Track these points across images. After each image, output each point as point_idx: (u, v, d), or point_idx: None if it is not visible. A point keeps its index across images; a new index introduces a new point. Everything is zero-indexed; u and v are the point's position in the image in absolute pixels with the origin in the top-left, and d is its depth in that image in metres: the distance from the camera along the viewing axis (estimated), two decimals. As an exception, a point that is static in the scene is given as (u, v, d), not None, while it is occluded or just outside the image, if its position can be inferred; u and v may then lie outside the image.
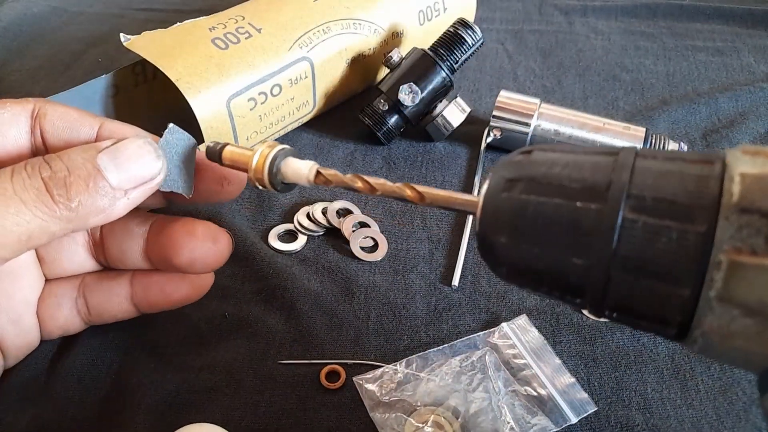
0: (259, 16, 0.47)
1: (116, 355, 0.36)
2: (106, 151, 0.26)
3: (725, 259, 0.18)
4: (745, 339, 0.18)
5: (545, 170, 0.21)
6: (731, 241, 0.18)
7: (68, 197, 0.25)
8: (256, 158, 0.28)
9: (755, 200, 0.18)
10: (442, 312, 0.38)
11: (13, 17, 0.69)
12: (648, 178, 0.19)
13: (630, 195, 0.19)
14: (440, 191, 0.24)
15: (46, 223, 0.25)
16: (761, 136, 0.51)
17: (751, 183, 0.18)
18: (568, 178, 0.20)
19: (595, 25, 0.67)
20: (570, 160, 0.21)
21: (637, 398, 0.33)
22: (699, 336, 0.19)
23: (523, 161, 0.22)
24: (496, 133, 0.48)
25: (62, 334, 0.35)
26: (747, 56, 0.61)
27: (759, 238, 0.17)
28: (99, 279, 0.34)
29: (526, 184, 0.21)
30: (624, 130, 0.46)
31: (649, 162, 0.20)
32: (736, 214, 0.18)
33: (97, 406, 0.33)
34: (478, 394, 0.33)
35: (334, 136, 0.52)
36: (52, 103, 0.29)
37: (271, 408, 0.33)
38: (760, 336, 0.18)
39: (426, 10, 0.54)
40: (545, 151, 0.22)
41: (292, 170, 0.28)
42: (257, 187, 0.29)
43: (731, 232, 0.18)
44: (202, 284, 0.34)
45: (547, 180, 0.21)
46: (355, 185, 0.26)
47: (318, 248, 0.42)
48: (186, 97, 0.40)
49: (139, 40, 0.43)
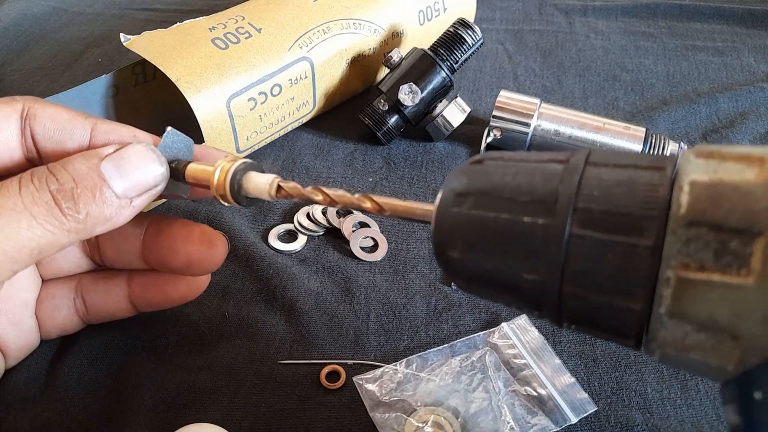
0: (259, 16, 0.47)
1: (116, 355, 0.36)
2: (109, 159, 0.26)
3: (673, 276, 0.17)
4: (701, 352, 0.17)
5: (494, 183, 0.20)
6: (679, 256, 0.17)
7: (77, 209, 0.25)
8: (216, 174, 0.27)
9: (704, 212, 0.17)
10: (442, 312, 0.38)
11: (14, 17, 0.69)
12: (596, 188, 0.19)
13: (576, 209, 0.19)
14: (399, 202, 0.24)
15: (56, 236, 0.25)
16: (761, 136, 0.51)
17: (701, 192, 0.17)
18: (517, 190, 0.20)
19: (595, 25, 0.67)
20: (520, 169, 0.20)
21: (637, 398, 0.33)
22: (655, 348, 0.18)
23: (474, 172, 0.21)
24: (496, 133, 0.48)
25: (61, 333, 0.35)
26: (747, 56, 0.61)
27: (708, 252, 0.17)
28: (96, 279, 0.34)
29: (475, 199, 0.21)
30: (624, 130, 0.46)
31: (598, 170, 0.19)
32: (684, 228, 0.17)
33: (97, 406, 0.33)
34: (478, 394, 0.33)
35: (334, 136, 0.52)
36: (43, 103, 0.29)
37: (271, 408, 0.33)
38: (715, 350, 0.17)
39: (426, 10, 0.54)
40: (496, 161, 0.21)
41: (254, 185, 0.27)
42: (222, 204, 0.28)
43: (679, 247, 0.17)
44: (200, 283, 0.34)
45: (496, 193, 0.20)
46: (315, 198, 0.26)
47: (318, 248, 0.42)
48: (186, 97, 0.40)
49: (139, 40, 0.43)
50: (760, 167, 0.17)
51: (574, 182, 0.19)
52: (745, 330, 0.16)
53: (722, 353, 0.17)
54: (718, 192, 0.17)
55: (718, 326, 0.17)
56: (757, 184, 0.17)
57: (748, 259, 0.16)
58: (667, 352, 0.18)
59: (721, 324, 0.17)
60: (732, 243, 0.16)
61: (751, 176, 0.17)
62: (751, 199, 0.16)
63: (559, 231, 0.19)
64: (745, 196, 0.16)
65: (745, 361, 0.17)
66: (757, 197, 0.16)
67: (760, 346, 0.16)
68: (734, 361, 0.17)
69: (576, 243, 0.18)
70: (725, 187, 0.17)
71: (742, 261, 0.16)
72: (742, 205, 0.16)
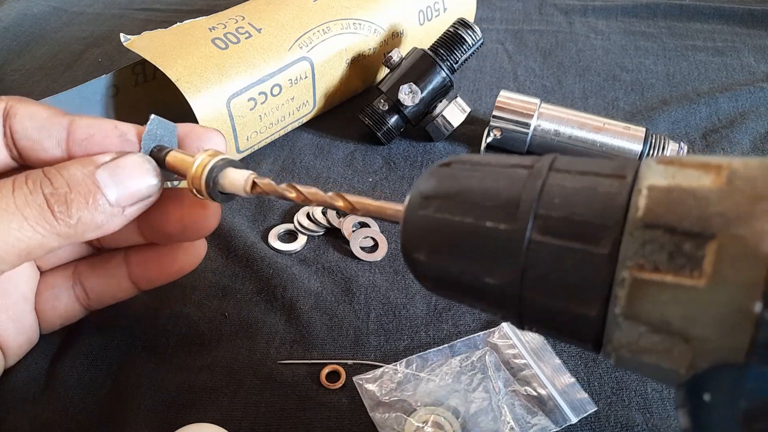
0: (259, 16, 0.47)
1: (116, 355, 0.36)
2: (105, 167, 0.26)
3: (628, 276, 0.17)
4: (654, 355, 0.18)
5: (460, 186, 0.21)
6: (635, 257, 0.17)
7: (69, 214, 0.25)
8: (194, 166, 0.27)
9: (660, 214, 0.17)
10: (442, 312, 0.38)
11: (14, 17, 0.69)
12: (557, 195, 0.19)
13: (537, 215, 0.19)
14: (372, 201, 0.24)
15: (46, 239, 0.25)
16: (761, 136, 0.51)
17: (658, 196, 0.17)
18: (482, 194, 0.20)
19: (595, 25, 0.67)
20: (486, 174, 0.21)
21: (637, 398, 0.33)
22: (611, 351, 0.18)
23: (441, 176, 0.22)
24: (496, 133, 0.48)
25: (64, 323, 0.35)
26: (747, 56, 0.61)
27: (662, 254, 0.17)
28: (92, 264, 0.34)
29: (440, 203, 0.21)
30: (624, 130, 0.46)
31: (561, 177, 0.19)
32: (641, 230, 0.17)
33: (97, 406, 0.33)
34: (478, 394, 0.33)
35: (334, 136, 0.52)
36: (24, 102, 0.29)
37: (271, 408, 0.33)
38: (668, 353, 0.17)
39: (426, 10, 0.54)
40: (464, 164, 0.22)
41: (229, 181, 0.27)
42: (196, 196, 0.28)
43: (635, 248, 0.17)
44: (196, 253, 0.34)
45: (461, 197, 0.21)
46: (288, 195, 0.26)
47: (318, 248, 0.42)
48: (186, 97, 0.40)
49: (139, 40, 0.43)
50: (717, 174, 0.17)
51: (536, 188, 0.19)
52: (697, 332, 0.17)
53: (675, 356, 0.17)
54: (675, 196, 0.17)
55: (671, 328, 0.17)
56: (712, 190, 0.17)
57: (700, 261, 0.16)
58: (622, 355, 0.18)
59: (673, 326, 0.17)
60: (685, 245, 0.17)
61: (707, 182, 0.17)
62: (706, 203, 0.17)
63: (519, 237, 0.19)
64: (699, 201, 0.17)
65: (696, 364, 0.17)
66: (711, 202, 0.17)
67: (711, 349, 0.16)
68: (686, 364, 0.17)
69: (536, 249, 0.19)
70: (682, 192, 0.17)
71: (694, 263, 0.16)
72: (696, 210, 0.17)
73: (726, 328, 0.16)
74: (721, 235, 0.16)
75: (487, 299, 0.21)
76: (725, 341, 0.16)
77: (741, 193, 0.17)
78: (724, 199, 0.17)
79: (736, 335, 0.16)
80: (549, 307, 0.19)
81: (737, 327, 0.16)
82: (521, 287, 0.19)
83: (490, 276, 0.20)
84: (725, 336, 0.16)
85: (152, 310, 0.38)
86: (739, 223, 0.16)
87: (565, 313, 0.19)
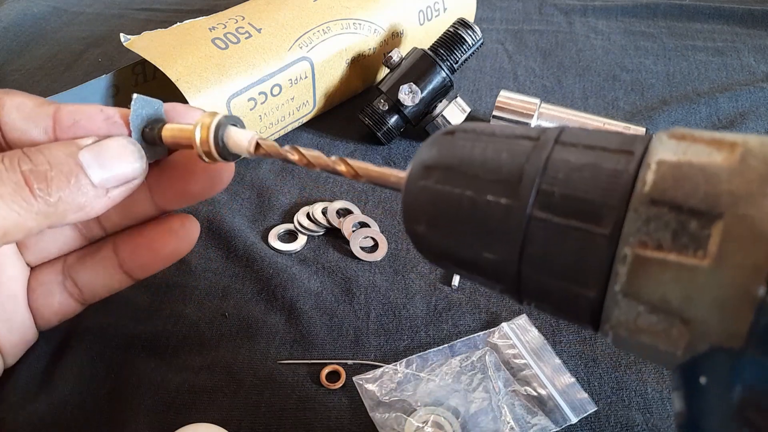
0: (259, 16, 0.47)
1: (116, 355, 0.36)
2: (89, 149, 0.26)
3: (630, 253, 0.17)
4: (651, 335, 0.17)
5: (462, 157, 0.20)
6: (638, 234, 0.17)
7: (48, 192, 0.24)
8: (198, 131, 0.26)
9: (666, 190, 0.16)
10: (442, 312, 0.38)
11: (13, 17, 0.69)
12: (561, 170, 0.18)
13: (540, 191, 0.18)
14: (374, 167, 0.24)
15: (22, 218, 0.24)
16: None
17: (666, 171, 0.17)
18: (483, 166, 0.20)
19: (595, 25, 0.67)
20: (490, 144, 0.20)
21: (637, 398, 0.33)
22: (609, 329, 0.18)
23: (444, 145, 0.21)
24: (496, 133, 0.48)
25: (61, 319, 0.34)
26: (747, 56, 0.61)
27: (666, 232, 0.16)
28: (82, 257, 0.33)
29: (441, 174, 0.20)
30: (624, 131, 0.46)
31: (567, 151, 0.19)
32: (646, 206, 0.17)
33: (97, 406, 0.33)
34: (478, 394, 0.33)
35: (334, 136, 0.52)
36: (11, 93, 0.28)
37: (271, 408, 0.33)
38: (666, 334, 0.17)
39: (426, 10, 0.54)
40: (467, 133, 0.21)
41: (233, 141, 0.26)
42: (206, 160, 0.27)
43: (638, 225, 0.17)
44: (189, 234, 0.33)
45: (462, 169, 0.20)
46: (291, 157, 0.26)
47: (318, 248, 0.42)
48: (186, 97, 0.40)
49: (139, 40, 0.43)
50: (730, 151, 0.16)
51: (540, 163, 0.19)
52: (696, 314, 0.16)
53: (672, 337, 0.17)
54: (683, 172, 0.16)
55: (670, 308, 0.16)
56: (722, 167, 0.16)
57: (705, 241, 0.16)
58: (619, 333, 0.18)
59: (672, 306, 0.16)
60: (691, 224, 0.16)
61: (718, 159, 0.16)
62: (715, 181, 0.16)
63: (520, 212, 0.18)
64: (709, 178, 0.16)
65: (693, 346, 0.16)
66: (721, 179, 0.16)
67: (709, 332, 0.16)
68: (683, 346, 0.17)
69: (536, 226, 0.18)
70: (691, 168, 0.16)
71: (699, 243, 0.16)
72: (704, 187, 0.16)
73: (726, 312, 0.16)
74: (728, 214, 0.16)
75: (486, 273, 0.20)
76: (725, 324, 0.16)
77: (754, 171, 0.16)
78: (734, 177, 0.16)
79: (737, 319, 0.15)
80: (547, 284, 0.19)
81: (738, 311, 0.15)
82: (520, 263, 0.19)
83: (489, 251, 0.19)
84: (725, 320, 0.16)
85: (152, 310, 0.38)
86: (748, 203, 0.15)
87: (564, 292, 0.18)
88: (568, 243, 0.18)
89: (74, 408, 0.33)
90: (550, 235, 0.18)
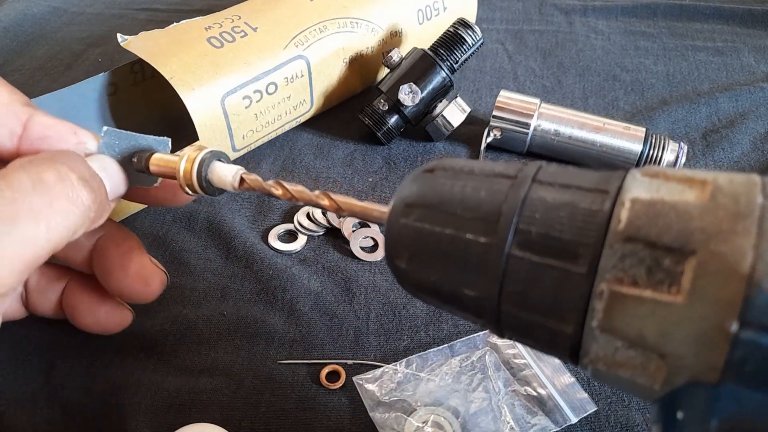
0: (255, 16, 0.47)
1: (116, 356, 0.36)
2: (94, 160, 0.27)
3: (606, 289, 0.17)
4: (630, 370, 0.17)
5: (442, 195, 0.21)
6: (613, 270, 0.17)
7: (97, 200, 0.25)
8: (183, 164, 0.27)
9: (641, 228, 0.17)
10: (442, 312, 0.38)
11: (13, 17, 0.69)
12: (538, 210, 0.19)
13: (518, 230, 0.19)
14: (357, 202, 0.24)
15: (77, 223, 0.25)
16: (761, 136, 0.51)
17: (640, 209, 0.17)
18: (462, 205, 0.20)
19: (595, 25, 0.67)
20: (469, 183, 0.21)
21: (637, 398, 0.33)
22: (588, 363, 0.18)
23: (424, 182, 0.22)
24: (496, 133, 0.48)
25: (6, 319, 0.32)
26: (747, 56, 0.61)
27: (641, 268, 0.17)
28: (39, 271, 0.33)
29: (421, 212, 0.21)
30: (624, 130, 0.46)
31: (543, 189, 0.19)
32: (621, 243, 0.17)
33: (97, 406, 0.33)
34: (478, 394, 0.33)
35: (334, 136, 0.52)
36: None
37: (271, 408, 0.33)
38: (644, 368, 0.17)
39: (425, 9, 0.54)
40: (446, 171, 0.21)
41: (218, 177, 0.27)
42: (188, 193, 0.28)
43: (614, 261, 0.17)
44: (121, 321, 0.33)
45: (442, 207, 0.20)
46: (275, 192, 0.26)
47: (318, 248, 0.42)
48: (180, 95, 0.40)
49: (135, 40, 0.43)
50: (701, 189, 0.17)
51: (518, 201, 0.19)
52: (672, 349, 0.16)
53: (650, 372, 0.17)
54: (657, 210, 0.17)
55: (647, 343, 0.17)
56: (694, 205, 0.17)
57: (679, 277, 0.16)
58: (598, 368, 0.18)
59: (649, 341, 0.17)
60: (665, 260, 0.16)
61: (690, 197, 0.17)
62: (687, 218, 0.16)
63: (498, 251, 0.19)
64: (681, 216, 0.17)
65: (671, 380, 0.17)
66: (693, 217, 0.16)
67: (686, 366, 0.16)
68: (661, 380, 0.17)
69: (514, 264, 0.19)
70: (664, 206, 0.17)
71: (673, 279, 0.16)
72: (677, 224, 0.17)
73: (702, 346, 0.16)
74: (701, 251, 0.16)
75: (466, 309, 0.21)
76: (700, 359, 0.16)
77: (724, 209, 0.16)
78: (706, 214, 0.16)
79: (712, 353, 0.16)
80: (526, 320, 0.19)
81: (713, 345, 0.16)
82: (499, 300, 0.19)
83: (468, 288, 0.20)
84: (701, 354, 0.16)
85: (152, 311, 0.38)
86: (720, 239, 0.16)
87: (543, 328, 0.19)
88: (545, 281, 0.18)
89: (73, 407, 0.33)
90: (528, 273, 0.18)
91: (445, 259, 0.20)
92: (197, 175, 0.27)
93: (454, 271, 0.20)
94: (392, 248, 0.22)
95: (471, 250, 0.19)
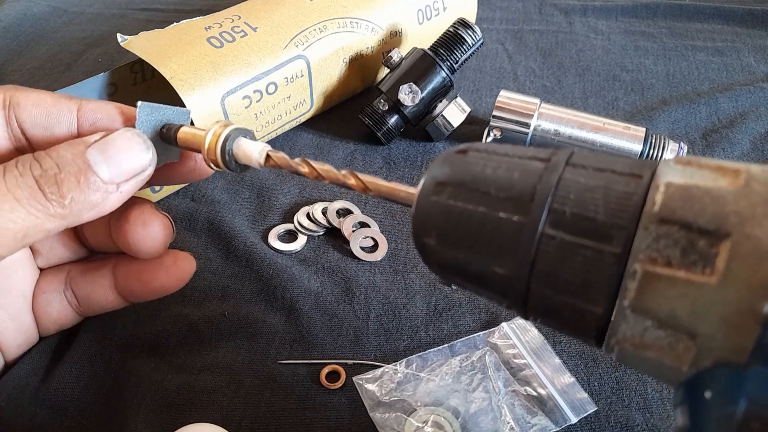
0: (255, 16, 0.47)
1: (116, 355, 0.36)
2: (95, 146, 0.26)
3: (640, 269, 0.17)
4: (657, 351, 0.18)
5: (475, 174, 0.21)
6: (647, 251, 0.17)
7: (60, 194, 0.25)
8: (208, 138, 0.27)
9: (676, 210, 0.17)
10: (442, 312, 0.38)
11: (13, 17, 0.69)
12: (572, 191, 0.19)
13: (551, 209, 0.19)
14: (384, 182, 0.24)
15: (40, 220, 0.25)
16: (761, 136, 0.51)
17: (674, 192, 0.18)
18: (496, 184, 0.20)
19: (595, 25, 0.67)
20: (502, 163, 0.21)
21: (637, 398, 0.33)
22: (615, 344, 0.19)
23: (456, 162, 0.22)
24: (496, 133, 0.48)
25: (59, 328, 0.34)
26: (747, 56, 0.61)
27: (676, 249, 0.17)
28: (84, 270, 0.34)
29: (454, 190, 0.21)
30: (624, 130, 0.46)
31: (577, 172, 0.19)
32: (656, 224, 0.17)
33: (97, 405, 0.33)
34: (478, 394, 0.33)
35: (334, 136, 0.52)
36: (24, 90, 0.28)
37: (271, 408, 0.33)
38: (672, 349, 0.17)
39: (425, 9, 0.54)
40: (480, 152, 0.22)
41: (243, 152, 0.27)
42: (213, 168, 0.28)
43: (648, 242, 0.17)
44: (180, 273, 0.33)
45: (474, 186, 0.21)
46: (301, 170, 0.26)
47: (318, 248, 0.42)
48: (180, 95, 0.40)
49: (135, 40, 0.43)
50: (734, 177, 0.17)
51: (552, 182, 0.19)
52: (702, 329, 0.17)
53: (678, 353, 0.17)
54: (691, 194, 0.17)
55: (678, 323, 0.17)
56: (728, 191, 0.17)
57: (713, 259, 0.17)
58: (625, 349, 0.18)
59: (680, 321, 0.17)
60: (699, 242, 0.17)
61: (723, 183, 0.17)
62: (722, 202, 0.17)
63: (531, 229, 0.19)
64: (716, 200, 0.17)
65: (699, 362, 0.17)
66: (728, 201, 0.17)
67: (715, 347, 0.17)
68: (688, 361, 0.17)
69: (547, 243, 0.19)
70: (698, 190, 0.17)
71: (707, 260, 0.17)
72: (712, 208, 0.17)
73: (732, 327, 0.16)
74: (735, 234, 0.16)
75: (494, 288, 0.21)
76: (731, 340, 0.16)
77: (758, 195, 0.17)
78: (740, 199, 0.17)
79: (742, 335, 0.16)
80: (554, 300, 0.19)
81: (744, 327, 0.16)
82: (529, 279, 0.19)
83: (498, 266, 0.20)
84: (731, 335, 0.16)
85: (152, 310, 0.38)
86: (754, 223, 0.16)
87: (571, 307, 0.19)
88: (577, 260, 0.18)
89: (73, 407, 0.33)
90: (560, 252, 0.19)
91: (475, 237, 0.20)
92: (221, 149, 0.27)
93: (484, 249, 0.20)
94: (421, 226, 0.22)
95: (503, 228, 0.20)
